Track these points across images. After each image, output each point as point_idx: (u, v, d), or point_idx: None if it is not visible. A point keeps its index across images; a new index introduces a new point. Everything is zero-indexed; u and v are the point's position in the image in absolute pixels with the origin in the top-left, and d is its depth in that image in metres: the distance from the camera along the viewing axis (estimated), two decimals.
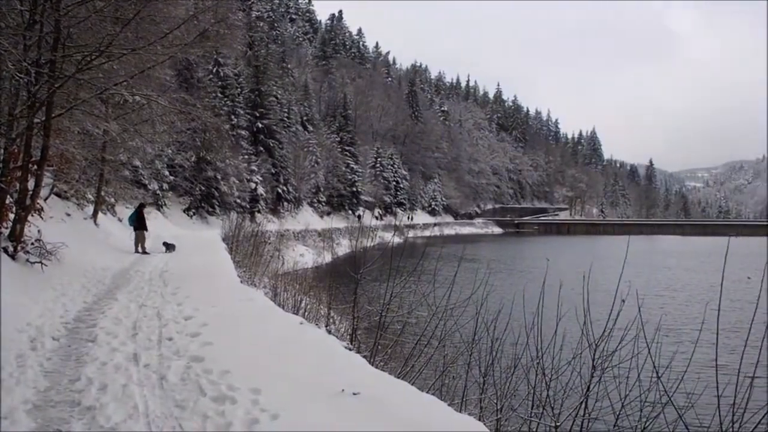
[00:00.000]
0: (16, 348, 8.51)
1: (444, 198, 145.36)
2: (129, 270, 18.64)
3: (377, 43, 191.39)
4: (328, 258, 53.49)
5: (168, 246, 25.07)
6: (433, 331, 11.02)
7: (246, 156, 65.93)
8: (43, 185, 17.62)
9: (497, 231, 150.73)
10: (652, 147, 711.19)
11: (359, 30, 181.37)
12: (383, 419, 6.04)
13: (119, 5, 15.53)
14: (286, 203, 76.25)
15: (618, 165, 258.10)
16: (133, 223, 25.27)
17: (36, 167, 15.81)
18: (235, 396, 6.59)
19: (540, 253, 69.66)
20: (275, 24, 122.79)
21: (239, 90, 69.34)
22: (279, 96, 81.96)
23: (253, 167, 66.43)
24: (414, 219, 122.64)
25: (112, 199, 33.52)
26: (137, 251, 24.30)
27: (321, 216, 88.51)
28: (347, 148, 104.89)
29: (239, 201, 61.72)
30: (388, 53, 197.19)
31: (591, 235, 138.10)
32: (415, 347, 11.12)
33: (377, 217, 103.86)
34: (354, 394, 6.54)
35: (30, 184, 15.62)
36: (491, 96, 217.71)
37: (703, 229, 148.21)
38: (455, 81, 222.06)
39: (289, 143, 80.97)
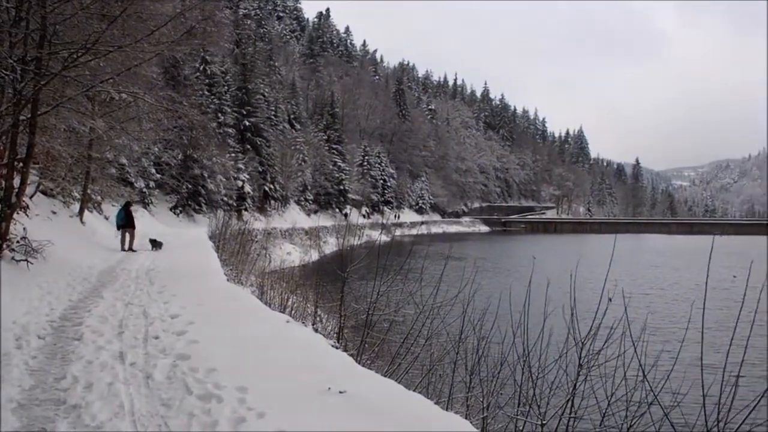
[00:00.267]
0: (1, 346, 8.46)
1: (431, 196, 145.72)
2: (115, 268, 18.56)
3: (365, 42, 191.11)
4: (315, 256, 53.51)
5: (155, 244, 24.97)
6: (420, 330, 11.03)
7: (233, 154, 65.70)
8: (29, 183, 17.57)
9: (484, 229, 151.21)
10: (638, 146, 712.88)
11: (347, 28, 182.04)
12: (370, 417, 6.04)
13: (106, 2, 15.50)
14: (273, 201, 76.04)
15: (605, 164, 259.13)
16: (121, 221, 25.15)
17: (22, 165, 15.73)
18: (222, 394, 6.57)
19: (527, 252, 69.86)
20: (262, 22, 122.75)
21: (226, 88, 69.12)
22: (266, 94, 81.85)
23: (240, 165, 66.22)
24: (401, 217, 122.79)
25: (98, 197, 33.32)
26: (123, 249, 24.21)
27: (308, 214, 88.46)
28: (334, 146, 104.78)
29: (226, 199, 61.52)
30: (375, 51, 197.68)
31: (578, 234, 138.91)
32: (402, 346, 11.11)
33: (364, 216, 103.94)
34: (340, 392, 6.53)
35: (15, 181, 15.56)
36: (478, 95, 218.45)
37: (690, 228, 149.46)
38: (443, 79, 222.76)
39: (276, 141, 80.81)
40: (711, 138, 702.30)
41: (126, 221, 25.03)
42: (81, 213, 27.90)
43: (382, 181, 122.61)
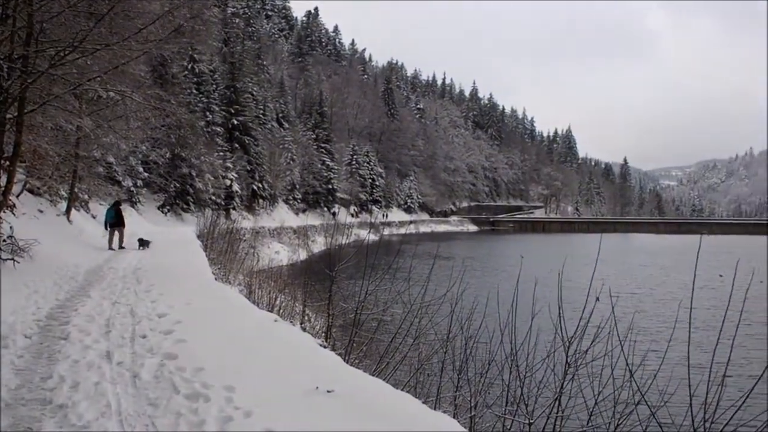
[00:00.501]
0: None
1: (420, 196, 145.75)
2: (102, 267, 18.51)
3: (353, 41, 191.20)
4: (303, 255, 53.39)
5: (142, 243, 24.90)
6: (408, 329, 11.03)
7: (221, 153, 65.48)
8: (16, 181, 17.49)
9: (472, 229, 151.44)
10: (626, 145, 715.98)
11: (335, 27, 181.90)
12: (357, 416, 6.05)
13: (93, 0, 15.41)
14: (261, 200, 75.87)
15: (593, 163, 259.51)
16: (111, 220, 25.06)
17: (8, 163, 15.67)
18: (209, 393, 6.56)
19: (515, 251, 69.91)
20: (251, 20, 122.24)
21: (214, 86, 68.97)
22: (254, 93, 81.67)
23: (228, 164, 66.03)
24: (389, 216, 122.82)
25: (85, 196, 33.21)
26: (111, 248, 24.13)
27: (296, 213, 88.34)
28: (323, 145, 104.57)
29: (214, 198, 61.34)
30: (364, 50, 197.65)
31: (566, 233, 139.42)
32: (390, 345, 11.11)
33: (353, 215, 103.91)
34: (328, 391, 6.54)
35: (2, 180, 15.49)
36: (467, 94, 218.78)
37: (677, 227, 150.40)
38: (431, 79, 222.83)
39: (265, 140, 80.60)
40: (698, 138, 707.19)
41: (116, 220, 24.98)
42: (68, 212, 27.81)
43: (370, 180, 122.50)
